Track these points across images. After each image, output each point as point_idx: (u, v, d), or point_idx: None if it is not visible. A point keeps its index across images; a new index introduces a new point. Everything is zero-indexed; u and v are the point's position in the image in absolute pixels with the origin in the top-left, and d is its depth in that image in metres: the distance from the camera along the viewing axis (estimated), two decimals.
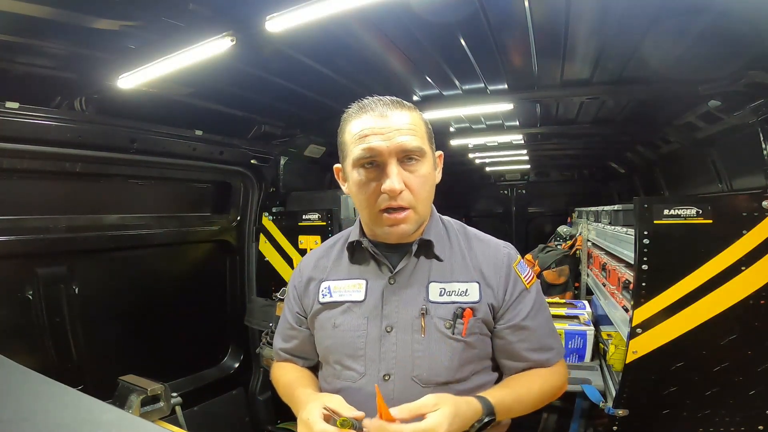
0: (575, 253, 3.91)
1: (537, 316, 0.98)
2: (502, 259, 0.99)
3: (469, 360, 0.94)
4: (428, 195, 0.94)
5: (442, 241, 0.99)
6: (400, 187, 0.87)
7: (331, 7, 1.19)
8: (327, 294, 1.00)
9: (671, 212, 1.57)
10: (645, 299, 1.60)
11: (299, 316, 1.07)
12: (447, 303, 0.93)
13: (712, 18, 1.35)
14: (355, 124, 0.91)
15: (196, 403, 2.42)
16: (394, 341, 0.92)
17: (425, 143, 0.92)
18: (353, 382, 0.94)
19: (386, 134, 0.87)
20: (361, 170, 0.90)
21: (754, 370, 1.51)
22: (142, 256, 2.32)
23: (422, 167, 0.91)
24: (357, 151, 0.89)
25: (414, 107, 0.94)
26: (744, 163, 2.13)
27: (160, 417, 1.40)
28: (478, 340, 0.94)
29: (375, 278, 0.97)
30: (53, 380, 0.97)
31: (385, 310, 0.94)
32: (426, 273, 0.96)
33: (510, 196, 6.48)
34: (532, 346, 0.97)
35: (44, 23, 1.27)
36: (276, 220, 2.67)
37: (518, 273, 0.98)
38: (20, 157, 1.71)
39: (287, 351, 1.10)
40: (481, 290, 0.94)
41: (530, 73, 1.96)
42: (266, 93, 2.05)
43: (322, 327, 1.00)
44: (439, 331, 0.92)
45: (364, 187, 0.90)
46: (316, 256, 1.09)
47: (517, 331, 0.96)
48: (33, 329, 1.88)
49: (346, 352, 0.95)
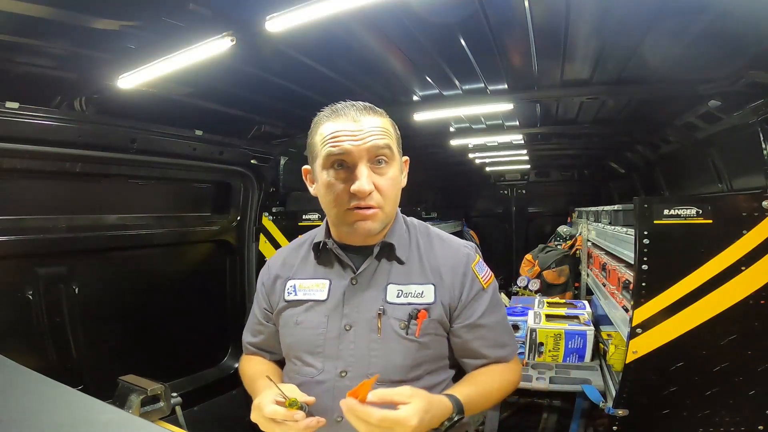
0: (575, 253, 3.91)
1: (493, 314, 1.02)
2: (461, 260, 1.01)
3: (423, 360, 0.97)
4: (395, 197, 0.97)
5: (404, 244, 1.02)
6: (370, 188, 0.90)
7: (331, 7, 1.19)
8: (292, 292, 1.03)
9: (671, 212, 1.57)
10: (645, 299, 1.60)
11: (266, 312, 1.10)
12: (403, 304, 0.96)
13: (712, 18, 1.35)
14: (326, 126, 0.94)
15: (196, 403, 2.42)
16: (352, 339, 0.96)
17: (394, 147, 0.95)
18: (312, 378, 0.97)
19: (358, 136, 0.90)
20: (331, 171, 0.92)
21: (754, 370, 1.51)
22: (142, 256, 2.32)
23: (391, 170, 0.94)
24: (326, 152, 0.92)
25: (384, 113, 0.97)
26: (744, 163, 2.13)
27: (160, 417, 1.40)
28: (432, 340, 0.97)
29: (338, 278, 1.00)
30: (53, 380, 0.97)
31: (345, 310, 0.97)
32: (386, 275, 0.99)
33: (510, 196, 6.47)
34: (488, 343, 1.01)
35: (44, 23, 1.27)
36: (276, 220, 2.67)
37: (476, 273, 1.01)
38: (20, 157, 1.71)
39: (254, 345, 1.14)
40: (437, 292, 0.97)
41: (530, 73, 1.96)
42: (266, 93, 2.05)
43: (286, 324, 1.03)
44: (394, 331, 0.95)
45: (333, 188, 0.92)
46: (284, 255, 1.12)
47: (474, 330, 0.99)
48: (33, 329, 1.88)
49: (306, 348, 0.99)
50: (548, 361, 2.36)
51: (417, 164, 4.22)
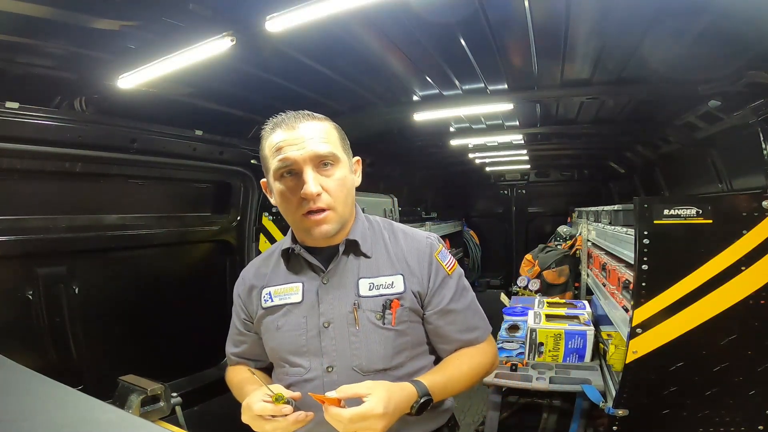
0: (575, 253, 3.91)
1: (460, 299, 1.06)
2: (425, 250, 1.05)
3: (402, 347, 1.01)
4: (346, 197, 1.00)
5: (368, 239, 1.06)
6: (317, 190, 0.93)
7: (331, 7, 1.19)
8: (268, 299, 1.07)
9: (671, 212, 1.57)
10: (645, 299, 1.60)
11: (246, 321, 1.13)
12: (376, 296, 1.00)
13: (712, 18, 1.36)
14: (271, 138, 0.99)
15: (196, 403, 2.42)
16: (333, 335, 1.00)
17: (338, 149, 0.99)
18: (301, 377, 1.01)
19: (299, 144, 0.95)
20: (282, 180, 0.97)
21: (754, 370, 1.51)
22: (142, 256, 2.32)
23: (337, 171, 0.98)
24: (275, 163, 0.96)
25: (326, 118, 1.02)
26: (744, 163, 2.13)
27: (160, 417, 1.40)
28: (408, 327, 1.01)
29: (310, 280, 1.04)
30: (53, 380, 0.97)
31: (321, 308, 1.01)
32: (355, 270, 1.03)
33: (510, 196, 6.48)
34: (458, 328, 1.05)
35: (44, 23, 1.27)
36: (276, 220, 2.67)
37: (440, 261, 1.05)
38: (20, 157, 1.71)
39: (238, 355, 1.19)
40: (406, 281, 1.01)
41: (530, 73, 1.97)
42: (266, 93, 2.05)
43: (267, 330, 1.06)
44: (371, 322, 0.99)
45: (286, 195, 0.97)
46: (256, 266, 1.15)
47: (444, 315, 1.03)
48: (33, 329, 1.88)
49: (290, 350, 1.02)
50: (548, 361, 2.36)
51: (417, 164, 4.24)
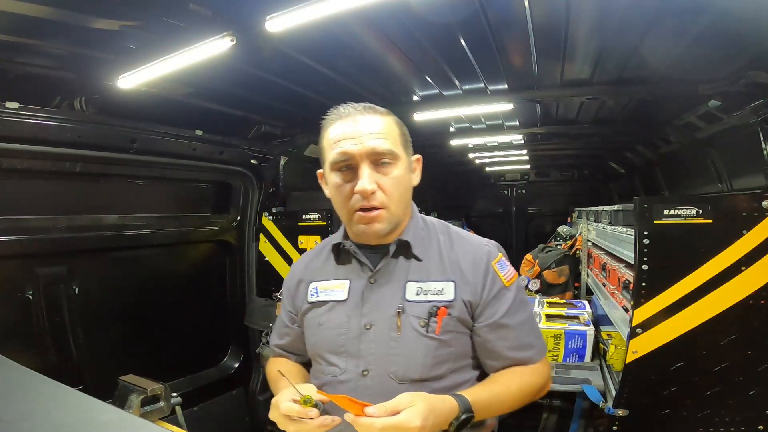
0: (575, 253, 3.91)
1: (516, 313, 1.00)
2: (482, 257, 1.00)
3: (444, 358, 0.96)
4: (402, 196, 0.97)
5: (422, 242, 1.02)
6: (372, 188, 0.91)
7: (331, 7, 1.19)
8: (314, 294, 1.05)
9: (671, 212, 1.57)
10: (645, 299, 1.60)
11: (291, 314, 1.13)
12: (422, 302, 0.96)
13: (712, 18, 1.35)
14: (330, 130, 0.96)
15: (196, 403, 2.42)
16: (373, 338, 0.96)
17: (398, 147, 0.96)
18: (335, 377, 0.98)
19: (358, 138, 0.92)
20: (338, 173, 0.95)
21: (754, 370, 1.51)
22: (142, 256, 2.33)
23: (395, 170, 0.95)
24: (332, 156, 0.94)
25: (388, 112, 0.99)
26: (744, 163, 2.13)
27: (160, 417, 1.40)
28: (453, 338, 0.96)
29: (357, 278, 1.02)
30: (53, 380, 0.97)
31: (364, 309, 0.98)
32: (404, 273, 0.99)
33: (510, 196, 6.47)
34: (511, 344, 0.98)
35: (44, 23, 1.27)
36: (276, 220, 2.67)
37: (497, 271, 1.00)
38: (20, 157, 1.71)
39: (281, 347, 1.17)
40: (457, 289, 0.97)
41: (530, 73, 1.96)
42: (266, 93, 2.05)
43: (309, 325, 1.05)
44: (414, 329, 0.95)
45: (340, 189, 0.95)
46: (307, 259, 1.15)
47: (496, 330, 0.98)
48: (33, 329, 1.88)
49: (328, 348, 1.00)
50: (548, 360, 2.35)
51: None
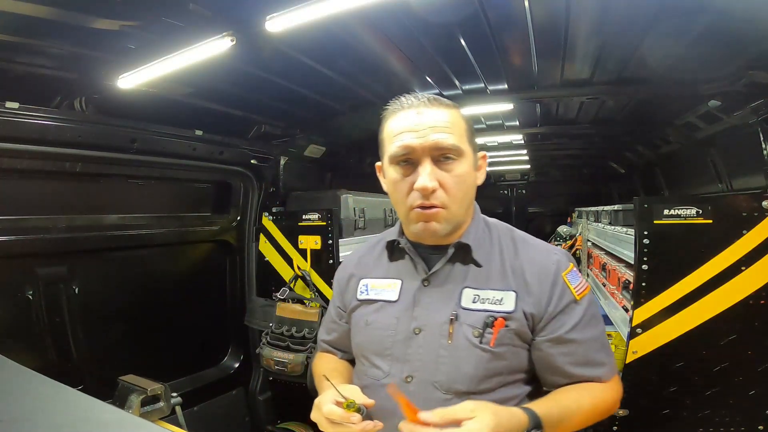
0: (575, 253, 3.91)
1: (586, 328, 0.91)
2: (550, 267, 0.92)
3: (496, 371, 0.89)
4: (465, 195, 0.91)
5: (483, 246, 0.96)
6: (433, 185, 0.85)
7: (331, 7, 1.19)
8: (364, 291, 1.01)
9: (671, 212, 1.57)
10: (645, 299, 1.60)
11: (340, 310, 1.09)
12: (479, 310, 0.90)
13: (712, 18, 1.35)
14: (392, 121, 0.91)
15: (196, 403, 2.42)
16: (421, 344, 0.91)
17: (463, 142, 0.89)
18: (377, 380, 0.94)
19: (420, 131, 0.86)
20: (397, 167, 0.90)
21: (754, 370, 1.51)
22: (142, 256, 2.32)
23: (459, 166, 0.88)
24: (392, 149, 0.89)
25: (454, 105, 0.92)
26: (744, 163, 2.13)
27: (160, 417, 1.40)
28: (508, 351, 0.89)
29: (410, 279, 0.96)
30: (53, 380, 0.97)
31: (415, 312, 0.93)
32: (461, 278, 0.93)
33: (510, 196, 6.47)
34: (576, 361, 0.91)
35: (44, 23, 1.27)
36: (276, 220, 2.67)
37: (567, 282, 0.92)
38: (20, 157, 1.71)
39: (328, 342, 1.13)
40: (519, 300, 0.90)
41: (530, 73, 1.96)
42: (266, 93, 2.05)
43: (356, 323, 1.01)
44: (466, 338, 0.89)
45: (399, 184, 0.90)
46: (360, 254, 1.10)
47: (559, 344, 0.90)
48: (33, 329, 1.88)
49: (374, 349, 0.96)
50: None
51: None
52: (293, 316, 2.38)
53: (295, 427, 2.52)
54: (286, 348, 2.33)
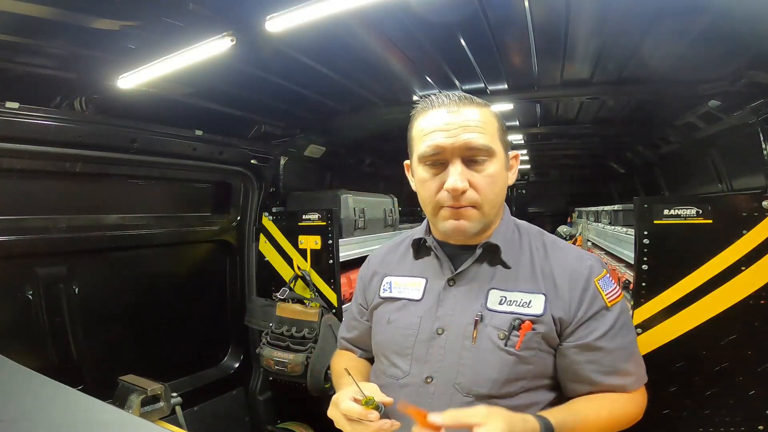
0: None
1: (616, 337, 0.89)
2: (582, 272, 0.90)
3: (520, 375, 0.87)
4: (496, 196, 0.89)
5: (512, 247, 0.93)
6: (464, 186, 0.83)
7: (331, 7, 1.19)
8: (388, 289, 1.00)
9: (671, 212, 1.57)
10: (645, 299, 1.60)
11: (362, 307, 1.08)
12: (505, 312, 0.88)
13: (712, 18, 1.35)
14: (422, 120, 0.90)
15: (196, 403, 2.42)
16: (443, 344, 0.89)
17: (495, 142, 0.87)
18: (397, 380, 0.92)
19: (451, 131, 0.85)
20: (427, 167, 0.88)
21: (754, 370, 1.51)
22: (142, 256, 2.32)
23: (490, 166, 0.86)
24: (422, 148, 0.87)
25: (485, 104, 0.90)
26: (744, 163, 2.13)
27: (160, 417, 1.40)
28: (534, 355, 0.87)
29: (435, 278, 0.95)
30: (53, 380, 0.97)
31: (439, 312, 0.91)
32: (488, 278, 0.91)
33: (510, 196, 6.46)
34: (602, 369, 0.88)
35: (44, 23, 1.27)
36: (276, 220, 2.67)
37: (599, 288, 0.89)
38: (20, 157, 1.71)
39: (348, 340, 1.13)
40: (548, 303, 0.87)
41: (530, 73, 1.96)
42: (266, 93, 2.05)
43: (378, 321, 1.00)
44: (491, 340, 0.87)
45: (428, 184, 0.88)
46: (384, 251, 1.09)
47: (587, 352, 0.88)
48: (33, 329, 1.88)
49: (395, 348, 0.94)
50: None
51: None
52: (293, 316, 2.38)
53: (295, 427, 2.52)
54: (286, 348, 2.33)
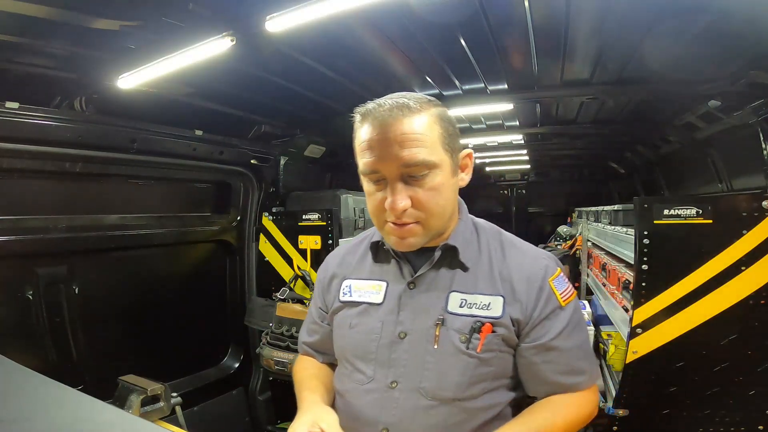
0: (575, 253, 3.91)
1: (571, 336, 0.90)
2: (538, 273, 0.91)
3: (482, 377, 0.87)
4: (442, 208, 0.86)
5: (470, 248, 0.93)
6: (403, 206, 0.81)
7: (331, 7, 1.19)
8: (347, 293, 0.98)
9: (671, 212, 1.57)
10: (645, 299, 1.60)
11: (321, 311, 1.06)
12: (466, 315, 0.88)
13: (712, 18, 1.35)
14: (361, 132, 0.87)
15: (196, 403, 2.42)
16: (406, 348, 0.89)
17: (436, 152, 0.83)
18: (361, 385, 0.92)
19: (386, 149, 0.81)
20: (369, 183, 0.87)
21: (754, 370, 1.51)
22: (142, 256, 2.32)
23: (433, 179, 0.83)
24: (361, 164, 0.86)
25: (425, 107, 0.85)
26: (744, 163, 2.13)
27: (160, 417, 1.40)
28: (495, 357, 0.88)
29: (395, 281, 0.94)
30: (53, 380, 0.97)
31: (400, 316, 0.90)
32: (448, 281, 0.91)
33: (510, 196, 6.48)
34: (559, 369, 0.89)
35: (44, 23, 1.27)
36: (276, 220, 2.67)
37: (553, 288, 0.90)
38: (20, 157, 1.71)
39: (309, 345, 1.10)
40: (506, 305, 0.88)
41: (530, 73, 1.96)
42: (266, 93, 2.05)
43: (340, 326, 0.98)
44: (452, 344, 0.87)
45: (372, 198, 0.87)
46: (343, 252, 1.07)
47: (544, 352, 0.89)
48: (33, 329, 1.88)
49: (357, 353, 0.93)
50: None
51: None
52: (293, 316, 2.39)
53: None
54: (286, 348, 2.34)
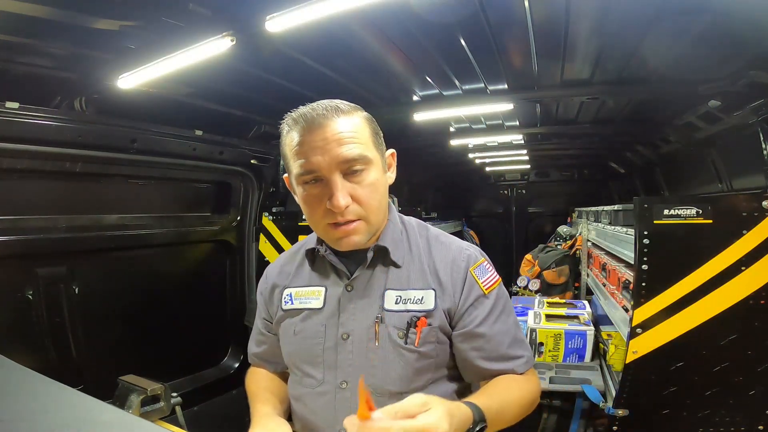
0: (575, 253, 3.91)
1: (496, 322, 0.93)
2: (460, 263, 0.94)
3: (424, 369, 0.91)
4: (379, 203, 0.90)
5: (400, 246, 0.96)
6: (346, 203, 0.83)
7: (331, 7, 1.19)
8: (288, 301, 1.00)
9: (671, 212, 1.57)
10: (645, 299, 1.60)
11: (266, 322, 1.08)
12: (401, 311, 0.91)
13: (712, 18, 1.36)
14: (291, 137, 0.87)
15: (196, 403, 2.42)
16: (351, 349, 0.92)
17: (370, 149, 0.87)
18: (313, 389, 0.94)
19: (324, 147, 0.82)
20: (305, 186, 0.87)
21: (754, 370, 1.51)
22: (142, 256, 2.32)
23: (369, 175, 0.86)
24: (297, 168, 0.85)
25: (354, 110, 0.89)
26: (744, 163, 2.13)
27: (160, 417, 1.40)
28: (434, 349, 0.91)
29: (333, 286, 0.96)
30: (53, 380, 0.97)
31: (341, 318, 0.93)
32: (383, 280, 0.94)
33: (510, 196, 6.47)
34: (486, 355, 0.92)
35: (44, 23, 1.27)
36: (276, 220, 2.67)
37: (475, 277, 0.94)
38: (20, 157, 1.71)
39: (257, 356, 1.12)
40: (437, 297, 0.91)
41: (530, 73, 1.97)
42: (266, 93, 2.05)
43: (285, 333, 1.00)
44: (392, 340, 0.90)
45: (310, 204, 0.88)
46: (281, 263, 1.08)
47: (470, 339, 0.92)
48: (33, 329, 1.88)
49: (305, 358, 0.96)
50: (548, 361, 2.36)
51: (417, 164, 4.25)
52: None
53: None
54: None
